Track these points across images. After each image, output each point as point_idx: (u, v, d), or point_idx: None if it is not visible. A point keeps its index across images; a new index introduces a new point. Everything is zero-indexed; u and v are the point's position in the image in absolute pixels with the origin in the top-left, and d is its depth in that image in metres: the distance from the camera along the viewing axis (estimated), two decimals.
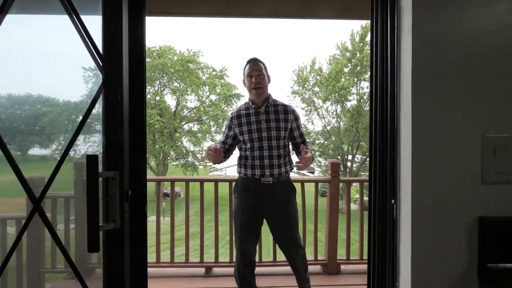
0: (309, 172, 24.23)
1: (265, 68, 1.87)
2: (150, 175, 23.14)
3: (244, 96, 22.66)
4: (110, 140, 0.75)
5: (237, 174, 1.94)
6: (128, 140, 0.79)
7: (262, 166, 1.77)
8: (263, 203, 1.80)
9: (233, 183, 2.71)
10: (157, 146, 20.22)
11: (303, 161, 1.71)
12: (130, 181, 0.82)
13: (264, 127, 1.79)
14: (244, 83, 1.90)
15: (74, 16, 0.78)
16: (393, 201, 0.86)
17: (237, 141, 1.92)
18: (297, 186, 2.03)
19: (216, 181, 2.73)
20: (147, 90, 21.04)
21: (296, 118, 1.90)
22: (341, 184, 2.61)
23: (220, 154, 1.76)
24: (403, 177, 0.83)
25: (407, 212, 0.80)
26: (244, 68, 1.88)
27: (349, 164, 19.37)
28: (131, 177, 0.82)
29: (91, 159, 0.68)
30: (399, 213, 0.84)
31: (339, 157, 19.18)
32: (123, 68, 0.76)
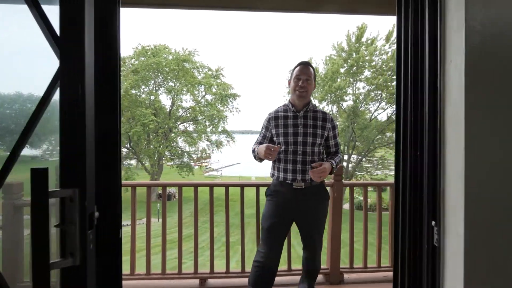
0: None
1: (314, 74, 1.87)
2: (144, 176, 22.83)
3: (241, 96, 22.47)
4: (68, 146, 0.56)
5: (271, 177, 1.93)
6: (94, 146, 0.59)
7: (294, 171, 1.76)
8: (294, 207, 1.79)
9: (230, 188, 2.54)
10: (151, 147, 19.94)
11: (315, 174, 1.69)
12: (98, 200, 0.62)
13: (300, 131, 1.78)
14: (289, 83, 1.89)
15: None
16: (433, 223, 0.68)
17: (273, 142, 1.92)
18: None
19: (211, 186, 2.53)
20: (141, 90, 20.76)
21: (334, 127, 1.89)
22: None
23: (277, 152, 1.76)
24: (450, 195, 0.64)
25: (455, 239, 0.61)
26: (293, 69, 1.86)
27: (345, 164, 19.32)
28: (99, 195, 0.62)
29: (36, 174, 0.49)
30: (443, 239, 0.66)
31: None
32: (85, 54, 0.57)
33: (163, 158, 21.25)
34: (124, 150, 20.55)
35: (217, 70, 22.63)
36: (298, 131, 1.79)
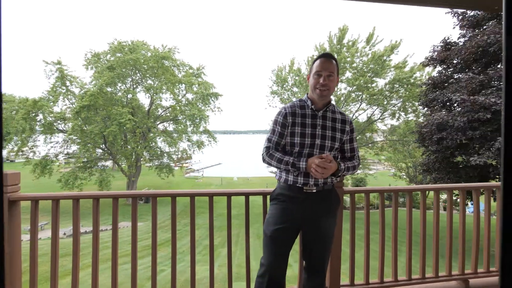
0: None
1: (337, 68, 1.65)
2: (121, 177, 21.74)
3: (223, 95, 22.01)
4: None
5: (276, 180, 1.72)
6: None
7: (306, 175, 1.59)
8: (302, 212, 1.61)
9: (214, 197, 2.21)
10: (128, 147, 18.99)
11: (319, 165, 1.49)
12: None
13: (319, 133, 1.61)
14: (308, 78, 1.68)
15: None
16: None
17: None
18: None
19: (192, 195, 2.18)
20: (117, 87, 19.74)
21: (352, 131, 1.72)
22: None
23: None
24: None
25: None
26: (313, 63, 1.64)
27: None
28: None
29: None
30: None
31: None
32: None
33: (141, 159, 20.34)
34: (99, 151, 19.44)
35: (198, 69, 22.08)
36: (316, 133, 1.60)
